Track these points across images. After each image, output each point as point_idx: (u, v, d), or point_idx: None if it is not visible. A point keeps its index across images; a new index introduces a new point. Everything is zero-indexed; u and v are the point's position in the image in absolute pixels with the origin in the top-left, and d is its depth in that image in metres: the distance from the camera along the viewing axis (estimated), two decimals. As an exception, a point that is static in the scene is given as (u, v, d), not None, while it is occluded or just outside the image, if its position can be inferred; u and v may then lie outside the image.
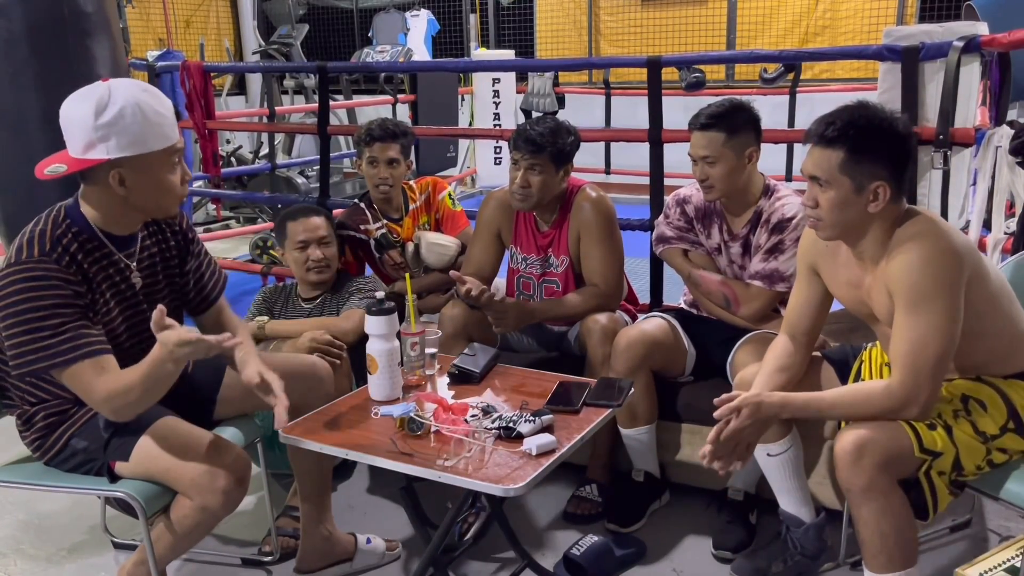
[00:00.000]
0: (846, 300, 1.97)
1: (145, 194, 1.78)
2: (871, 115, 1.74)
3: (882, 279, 1.78)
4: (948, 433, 1.75)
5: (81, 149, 1.70)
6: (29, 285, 1.68)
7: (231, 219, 7.22)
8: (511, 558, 2.24)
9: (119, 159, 1.70)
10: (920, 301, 1.70)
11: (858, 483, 1.72)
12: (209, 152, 4.41)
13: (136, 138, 1.70)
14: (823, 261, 1.97)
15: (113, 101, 1.68)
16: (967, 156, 2.53)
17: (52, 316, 1.68)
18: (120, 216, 1.82)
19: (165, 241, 1.98)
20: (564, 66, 6.78)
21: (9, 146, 2.84)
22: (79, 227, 1.78)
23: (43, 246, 1.71)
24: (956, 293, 1.70)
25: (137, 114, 1.69)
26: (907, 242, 1.73)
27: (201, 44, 8.84)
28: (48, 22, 2.77)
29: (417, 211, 3.05)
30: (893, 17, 7.55)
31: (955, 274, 1.70)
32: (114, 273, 1.84)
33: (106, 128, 1.67)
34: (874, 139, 1.73)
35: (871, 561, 1.78)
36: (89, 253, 1.78)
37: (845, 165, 1.73)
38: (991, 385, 1.83)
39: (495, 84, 7.83)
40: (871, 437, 1.71)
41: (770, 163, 2.23)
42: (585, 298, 2.57)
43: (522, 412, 1.87)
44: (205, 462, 1.75)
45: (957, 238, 1.75)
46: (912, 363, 1.70)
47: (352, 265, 3.03)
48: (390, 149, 2.93)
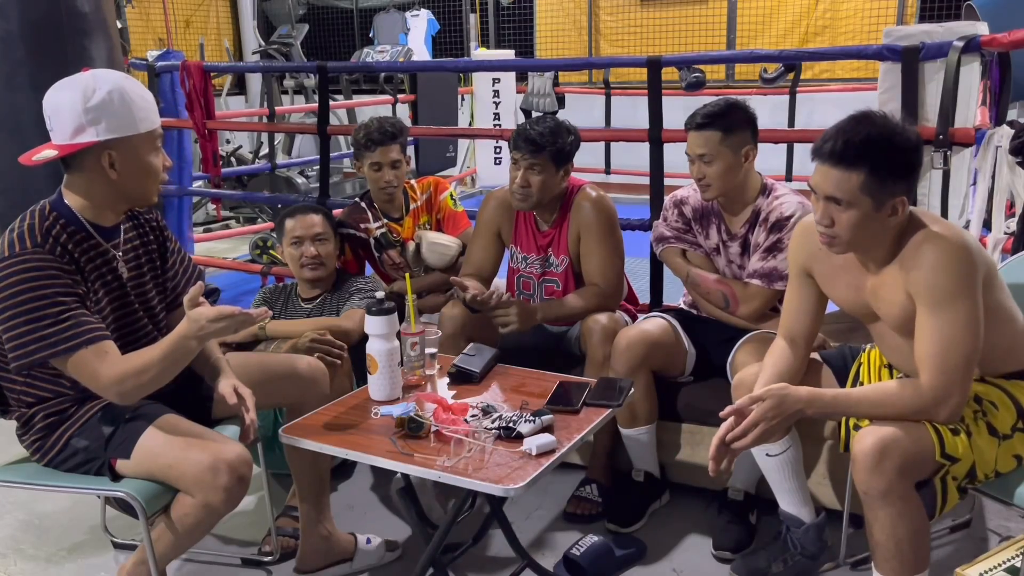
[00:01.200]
0: (843, 302, 1.95)
1: (133, 177, 1.82)
2: (887, 131, 1.68)
3: (894, 282, 1.76)
4: (968, 439, 1.73)
5: (71, 134, 1.75)
6: (27, 276, 1.70)
7: (231, 219, 7.22)
8: (511, 558, 2.24)
9: (109, 140, 1.75)
10: (945, 300, 1.68)
11: (877, 486, 1.69)
12: (209, 152, 4.41)
13: (124, 120, 1.76)
14: (816, 263, 1.95)
15: (99, 86, 1.74)
16: (967, 156, 2.53)
17: (53, 305, 1.71)
18: (105, 204, 1.85)
19: (145, 235, 2.01)
20: (564, 66, 6.79)
21: (4, 146, 2.84)
22: (66, 218, 1.81)
23: (35, 238, 1.74)
24: (976, 290, 1.69)
25: (124, 97, 1.76)
26: (923, 244, 1.71)
27: (201, 44, 8.84)
28: (45, 22, 2.78)
29: (418, 211, 3.05)
30: (893, 17, 7.55)
31: (974, 272, 1.69)
32: (101, 264, 1.87)
33: (95, 111, 1.73)
34: (895, 157, 1.68)
35: (883, 564, 1.76)
36: (78, 244, 1.81)
37: (867, 186, 1.67)
38: (996, 386, 1.83)
39: (495, 84, 7.82)
40: (893, 439, 1.68)
41: (771, 163, 2.22)
42: (586, 298, 2.57)
43: (522, 412, 1.88)
44: (207, 459, 1.75)
45: (969, 237, 1.75)
46: (942, 363, 1.68)
47: (352, 263, 3.03)
48: (392, 151, 2.91)
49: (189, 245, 4.73)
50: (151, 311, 2.00)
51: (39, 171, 2.70)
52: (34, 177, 2.72)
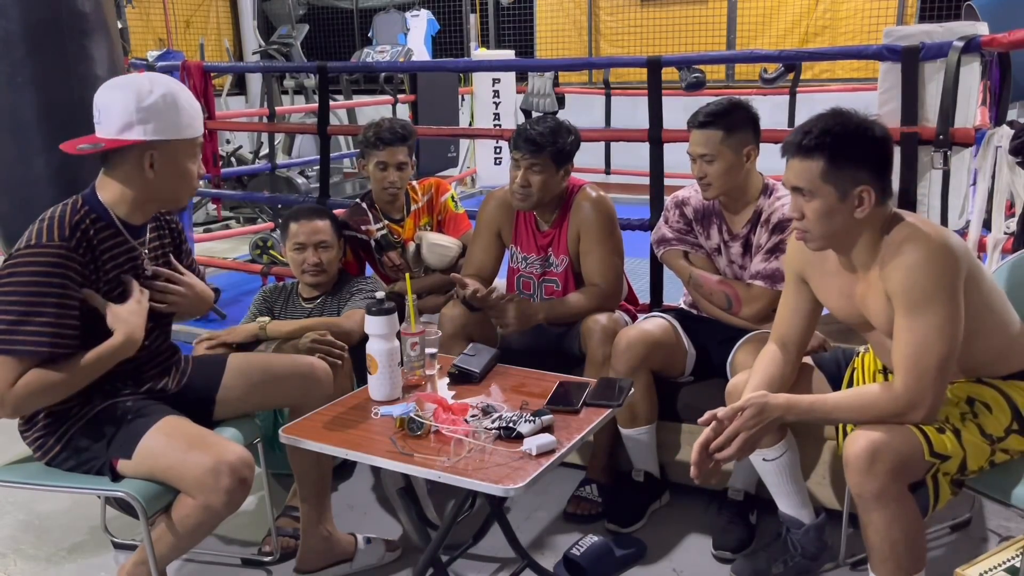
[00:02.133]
0: (837, 310, 1.95)
1: (169, 181, 1.86)
2: (845, 121, 1.75)
3: (877, 285, 1.77)
4: (957, 436, 1.73)
5: (118, 130, 1.79)
6: (39, 271, 1.72)
7: (231, 219, 7.22)
8: (511, 558, 2.24)
9: (153, 142, 1.80)
10: (920, 303, 1.68)
11: (870, 489, 1.69)
12: (209, 152, 4.40)
13: (172, 124, 1.82)
14: (811, 271, 1.95)
15: (155, 89, 1.80)
16: (967, 156, 2.53)
17: (49, 306, 1.72)
18: (137, 203, 1.88)
19: (165, 236, 2.04)
20: (564, 66, 6.77)
21: (6, 146, 2.83)
22: (97, 213, 1.85)
23: (63, 230, 1.77)
24: (956, 293, 1.69)
25: (175, 103, 1.82)
26: (902, 244, 1.72)
27: (201, 44, 8.84)
28: (45, 22, 2.77)
29: (419, 212, 3.05)
30: (893, 17, 7.55)
31: (953, 273, 1.69)
32: (125, 261, 1.89)
33: (147, 111, 1.78)
34: (852, 144, 1.72)
35: (879, 566, 1.76)
36: (104, 240, 1.84)
37: (827, 173, 1.72)
38: (992, 387, 1.83)
39: (495, 84, 7.83)
40: (883, 442, 1.69)
41: (771, 163, 2.22)
42: (587, 298, 2.57)
43: (522, 412, 1.87)
44: (209, 461, 1.75)
45: (951, 237, 1.74)
46: (915, 365, 1.69)
47: (352, 264, 3.03)
48: (399, 153, 2.91)
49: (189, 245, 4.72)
50: (162, 313, 2.01)
51: (42, 171, 2.73)
52: (37, 177, 2.72)
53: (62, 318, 1.73)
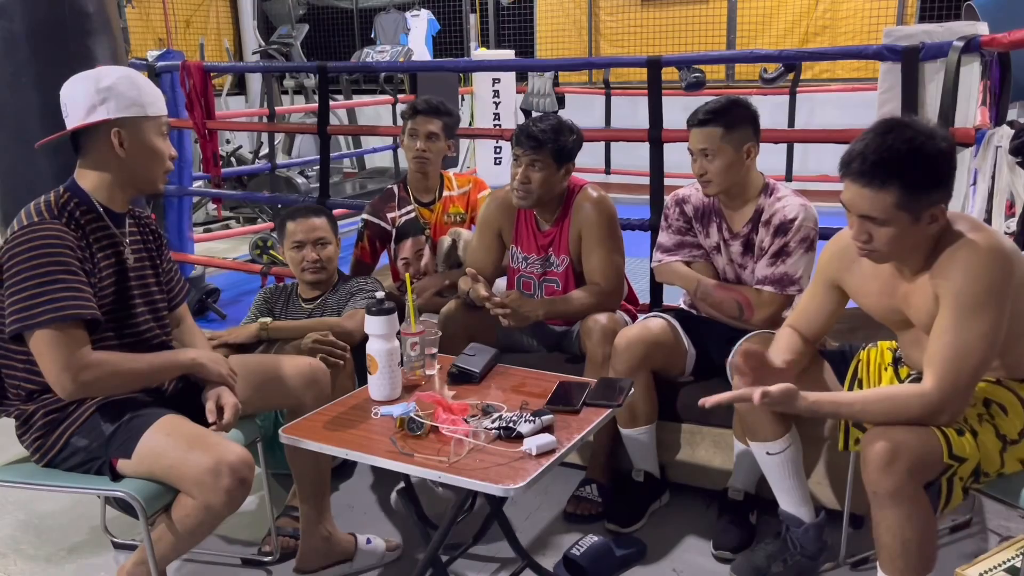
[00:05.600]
0: (873, 307, 1.93)
1: (140, 157, 1.91)
2: (916, 143, 1.63)
3: (925, 285, 1.74)
4: (974, 437, 1.72)
5: (83, 114, 1.85)
6: (45, 243, 1.77)
7: (231, 219, 7.22)
8: (511, 558, 2.24)
9: (119, 119, 1.86)
10: (970, 306, 1.65)
11: (886, 487, 1.68)
12: (209, 152, 4.40)
13: (133, 101, 1.88)
14: (848, 276, 1.94)
15: (111, 73, 1.89)
16: (967, 156, 2.53)
17: (67, 272, 1.77)
18: (115, 185, 1.92)
19: (146, 235, 2.06)
20: (564, 66, 6.78)
21: (9, 146, 2.83)
22: (79, 198, 1.89)
23: (51, 211, 1.82)
24: (1006, 300, 1.66)
25: (132, 82, 1.89)
26: (961, 249, 1.68)
27: (201, 44, 8.84)
28: (49, 23, 2.77)
29: (451, 199, 3.08)
30: (893, 17, 7.55)
31: (1007, 280, 1.66)
32: (109, 246, 1.92)
33: (106, 91, 1.85)
34: (928, 170, 1.64)
35: (888, 565, 1.75)
36: (90, 222, 1.88)
37: (902, 203, 1.64)
38: (1009, 389, 1.81)
39: (495, 84, 7.82)
40: (903, 441, 1.67)
41: (771, 163, 2.22)
42: (589, 296, 2.57)
43: (522, 412, 1.87)
44: (209, 461, 1.75)
45: (1006, 241, 1.72)
46: (954, 369, 1.66)
47: (367, 252, 3.08)
48: (431, 124, 2.97)
49: (189, 245, 4.72)
50: (152, 304, 2.02)
51: (45, 172, 2.73)
52: (40, 178, 2.72)
53: (75, 282, 1.77)
